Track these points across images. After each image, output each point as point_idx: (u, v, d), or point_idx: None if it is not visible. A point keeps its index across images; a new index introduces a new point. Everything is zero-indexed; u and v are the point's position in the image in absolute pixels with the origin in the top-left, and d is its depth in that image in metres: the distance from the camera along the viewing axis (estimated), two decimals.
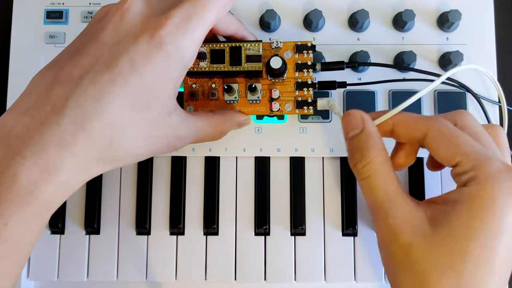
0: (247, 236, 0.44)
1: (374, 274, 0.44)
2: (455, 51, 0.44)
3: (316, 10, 0.45)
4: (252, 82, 0.41)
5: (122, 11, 0.33)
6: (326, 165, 0.45)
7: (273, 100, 0.41)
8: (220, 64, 0.39)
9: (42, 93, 0.31)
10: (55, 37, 0.46)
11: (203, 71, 0.39)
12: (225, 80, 0.41)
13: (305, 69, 0.41)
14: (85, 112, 0.30)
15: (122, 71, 0.31)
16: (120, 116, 0.31)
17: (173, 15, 0.32)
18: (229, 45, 0.39)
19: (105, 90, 0.30)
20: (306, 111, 0.41)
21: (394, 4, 0.46)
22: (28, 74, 0.45)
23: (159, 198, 0.45)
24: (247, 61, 0.39)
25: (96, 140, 0.31)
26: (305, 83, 0.41)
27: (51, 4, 0.47)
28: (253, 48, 0.39)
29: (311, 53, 0.41)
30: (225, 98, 0.41)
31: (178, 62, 0.32)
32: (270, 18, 0.45)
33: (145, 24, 0.32)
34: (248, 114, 0.42)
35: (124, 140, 0.32)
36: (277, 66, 0.39)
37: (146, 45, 0.31)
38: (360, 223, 0.44)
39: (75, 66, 0.31)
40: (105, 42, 0.32)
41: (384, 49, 0.46)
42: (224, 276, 0.44)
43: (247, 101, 0.41)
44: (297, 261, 0.44)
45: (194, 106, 0.41)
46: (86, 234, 0.45)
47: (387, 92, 0.45)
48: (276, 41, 0.41)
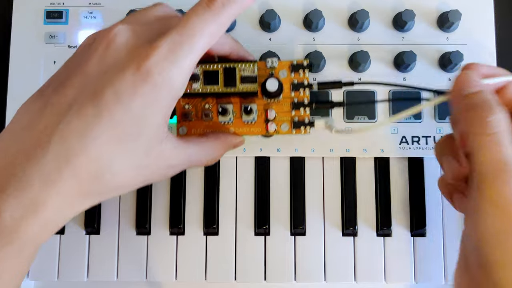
0: (247, 236, 0.44)
1: (374, 274, 0.44)
2: (455, 51, 0.44)
3: (316, 10, 0.45)
4: (247, 102, 0.40)
5: (108, 40, 0.32)
6: (326, 165, 0.45)
7: (269, 121, 0.40)
8: (214, 85, 0.38)
9: (27, 127, 0.30)
10: (55, 37, 0.46)
11: (196, 93, 0.38)
12: (219, 100, 0.40)
13: (301, 89, 0.40)
14: (69, 147, 0.29)
15: (107, 103, 0.30)
16: (107, 150, 0.30)
17: (160, 45, 0.31)
18: (223, 66, 0.38)
19: (90, 124, 0.29)
20: (303, 131, 0.40)
21: (394, 4, 0.46)
22: (28, 74, 0.46)
23: (159, 198, 0.45)
24: (242, 82, 0.38)
25: (82, 175, 0.29)
26: (301, 103, 0.40)
27: (51, 4, 0.47)
28: (248, 69, 0.38)
29: (307, 72, 0.40)
30: (220, 119, 0.40)
31: (167, 92, 0.31)
32: (270, 18, 0.45)
33: (131, 55, 0.31)
34: (243, 135, 0.41)
35: (112, 174, 0.30)
36: (274, 89, 0.38)
37: (131, 76, 0.30)
38: (360, 223, 0.44)
39: (60, 98, 0.30)
40: (90, 73, 0.31)
41: (384, 49, 0.46)
42: (224, 276, 0.44)
43: (242, 122, 0.40)
44: (297, 261, 0.44)
45: (187, 128, 0.40)
46: (86, 234, 0.45)
47: (387, 92, 0.45)
48: (271, 60, 0.40)
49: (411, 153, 0.44)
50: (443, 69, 0.45)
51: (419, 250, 0.44)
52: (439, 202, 0.45)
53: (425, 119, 0.45)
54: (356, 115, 0.45)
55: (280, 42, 0.46)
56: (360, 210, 0.45)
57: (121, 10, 0.46)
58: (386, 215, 0.44)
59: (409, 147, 0.44)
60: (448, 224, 0.44)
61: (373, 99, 0.45)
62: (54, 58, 0.46)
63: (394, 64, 0.45)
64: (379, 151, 0.44)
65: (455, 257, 0.44)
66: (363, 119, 0.45)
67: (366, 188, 0.45)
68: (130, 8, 0.46)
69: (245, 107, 0.39)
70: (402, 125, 0.45)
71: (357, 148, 0.44)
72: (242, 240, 0.44)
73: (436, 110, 0.45)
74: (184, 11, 0.45)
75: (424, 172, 0.45)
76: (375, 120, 0.45)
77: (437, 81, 0.45)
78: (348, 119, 0.45)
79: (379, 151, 0.44)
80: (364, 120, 0.45)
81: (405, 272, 0.44)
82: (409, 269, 0.44)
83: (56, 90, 0.31)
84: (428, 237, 0.44)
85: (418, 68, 0.45)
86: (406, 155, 0.45)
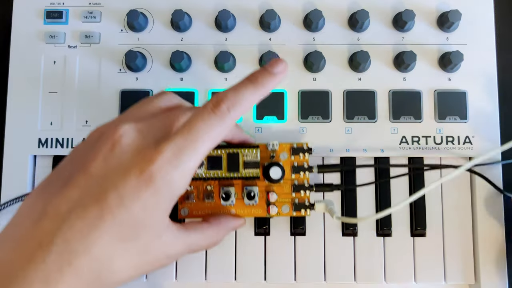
0: (247, 236, 0.44)
1: (374, 274, 0.44)
2: (455, 51, 0.44)
3: (316, 10, 0.45)
4: (249, 184, 0.41)
5: (114, 141, 0.32)
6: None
7: (270, 203, 0.41)
8: (217, 170, 0.39)
9: (29, 226, 0.30)
10: (55, 37, 0.46)
11: (199, 178, 0.39)
12: (221, 182, 0.41)
13: (301, 171, 0.41)
14: (72, 248, 0.29)
15: (111, 206, 0.30)
16: (108, 250, 0.30)
17: (164, 149, 0.31)
18: (226, 152, 0.39)
19: (93, 225, 0.30)
20: (304, 213, 0.41)
21: (394, 4, 0.46)
22: (28, 74, 0.46)
23: None
24: (245, 167, 0.39)
25: (83, 275, 0.30)
26: (302, 186, 0.41)
27: (51, 4, 0.47)
28: (250, 154, 0.39)
29: (307, 155, 0.41)
30: (221, 202, 0.41)
31: (169, 195, 0.31)
32: (270, 18, 0.45)
33: (135, 158, 0.31)
34: (245, 216, 0.41)
35: (113, 272, 0.31)
36: (277, 177, 0.40)
37: (135, 180, 0.30)
38: (360, 223, 0.44)
39: (63, 199, 0.31)
40: (94, 174, 0.31)
41: (384, 49, 0.46)
42: (224, 276, 0.44)
43: (244, 204, 0.41)
44: (297, 261, 0.44)
45: (189, 209, 0.41)
46: None
47: (387, 92, 0.45)
48: (273, 144, 0.41)
49: (411, 153, 0.44)
50: (443, 69, 0.45)
51: (419, 250, 0.44)
52: (439, 202, 0.45)
53: (425, 119, 0.45)
54: (356, 115, 0.45)
55: (280, 42, 0.46)
56: (360, 210, 0.45)
57: (121, 10, 0.46)
58: (386, 215, 0.44)
59: (409, 147, 0.44)
60: (448, 224, 0.44)
61: (373, 99, 0.45)
62: (54, 58, 0.46)
63: (394, 64, 0.45)
64: (379, 151, 0.44)
65: (455, 257, 0.44)
66: (363, 119, 0.45)
67: (366, 188, 0.45)
68: (130, 8, 0.46)
69: (248, 193, 0.40)
70: (402, 125, 0.45)
71: (357, 148, 0.44)
72: (242, 240, 0.44)
73: (436, 110, 0.45)
74: (184, 10, 0.45)
75: (424, 172, 0.45)
76: (375, 120, 0.45)
77: (437, 81, 0.45)
78: (348, 119, 0.45)
79: (379, 151, 0.44)
80: (364, 120, 0.45)
81: (405, 272, 0.44)
82: (409, 269, 0.44)
83: (59, 191, 0.31)
84: (428, 237, 0.44)
85: (418, 68, 0.45)
86: (406, 155, 0.45)
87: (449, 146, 0.44)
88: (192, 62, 0.46)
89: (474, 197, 0.44)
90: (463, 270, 0.44)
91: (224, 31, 0.46)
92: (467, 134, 0.44)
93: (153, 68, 0.46)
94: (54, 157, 0.45)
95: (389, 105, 0.45)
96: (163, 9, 0.47)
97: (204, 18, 0.46)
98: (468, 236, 0.44)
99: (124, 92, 0.45)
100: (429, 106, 0.45)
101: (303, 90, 0.45)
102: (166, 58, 0.46)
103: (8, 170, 0.45)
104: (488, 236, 0.43)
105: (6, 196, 0.44)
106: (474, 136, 0.44)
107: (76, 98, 0.46)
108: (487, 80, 0.45)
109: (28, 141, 0.45)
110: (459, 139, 0.44)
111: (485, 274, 0.43)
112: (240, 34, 0.46)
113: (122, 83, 0.46)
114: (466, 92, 0.45)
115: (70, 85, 0.46)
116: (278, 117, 0.45)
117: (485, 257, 0.43)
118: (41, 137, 0.45)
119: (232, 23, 0.46)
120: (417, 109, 0.45)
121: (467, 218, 0.44)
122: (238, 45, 0.46)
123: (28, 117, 0.45)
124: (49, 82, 0.46)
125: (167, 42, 0.46)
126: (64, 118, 0.45)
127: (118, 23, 0.47)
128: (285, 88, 0.45)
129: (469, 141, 0.44)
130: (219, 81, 0.45)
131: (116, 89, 0.45)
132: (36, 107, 0.45)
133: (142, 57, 0.45)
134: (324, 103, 0.45)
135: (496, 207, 0.44)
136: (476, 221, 0.44)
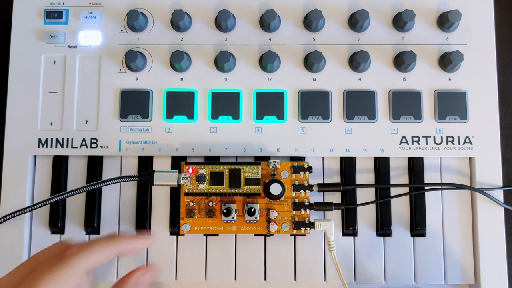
0: (247, 236, 0.44)
1: (374, 274, 0.44)
2: (455, 51, 0.44)
3: (316, 10, 0.45)
4: (250, 201, 0.41)
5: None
6: (326, 165, 0.45)
7: (271, 221, 0.41)
8: (219, 186, 0.40)
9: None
10: (55, 37, 0.46)
11: (201, 193, 0.40)
12: (223, 198, 0.42)
13: (302, 190, 0.41)
14: None
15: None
16: None
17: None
18: (228, 168, 0.40)
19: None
20: (303, 231, 0.41)
21: (394, 4, 0.46)
22: (28, 74, 0.46)
23: (159, 198, 0.45)
24: (246, 184, 0.40)
25: None
26: (302, 204, 0.41)
27: (51, 4, 0.47)
28: (252, 171, 0.41)
29: (307, 173, 0.41)
30: (223, 218, 0.41)
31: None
32: (270, 18, 0.45)
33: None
34: (245, 233, 0.42)
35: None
36: (277, 193, 0.40)
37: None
38: (360, 223, 0.44)
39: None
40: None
41: (384, 49, 0.46)
42: (224, 276, 0.44)
43: (245, 221, 0.41)
44: (297, 261, 0.44)
45: (191, 225, 0.41)
46: (86, 234, 0.45)
47: (387, 92, 0.45)
48: (274, 162, 0.41)
49: (411, 153, 0.44)
50: (443, 69, 0.45)
51: (419, 250, 0.44)
52: (439, 202, 0.45)
53: (425, 119, 0.45)
54: (356, 115, 0.45)
55: (280, 42, 0.46)
56: (360, 210, 0.45)
57: (121, 10, 0.46)
58: (386, 215, 0.44)
59: (409, 147, 0.44)
60: (448, 224, 0.44)
61: (373, 99, 0.45)
62: (54, 58, 0.46)
63: (394, 64, 0.45)
64: (379, 151, 0.44)
65: (455, 257, 0.44)
66: (363, 119, 0.45)
67: (366, 188, 0.45)
68: (130, 8, 0.46)
69: (249, 209, 0.41)
70: (402, 125, 0.45)
71: (357, 148, 0.44)
72: (242, 240, 0.44)
73: (436, 110, 0.45)
74: (184, 10, 0.45)
75: (424, 172, 0.45)
76: (375, 120, 0.45)
77: (437, 81, 0.45)
78: (348, 119, 0.45)
79: (379, 151, 0.44)
80: (364, 120, 0.45)
81: (405, 272, 0.44)
82: (409, 269, 0.44)
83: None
84: (428, 237, 0.44)
85: (418, 68, 0.45)
86: (406, 155, 0.45)
87: (449, 146, 0.44)
88: (192, 62, 0.46)
89: (474, 197, 0.44)
90: (463, 270, 0.44)
91: (224, 31, 0.46)
92: (467, 134, 0.44)
93: (153, 68, 0.46)
94: (54, 157, 0.45)
95: (389, 105, 0.45)
96: (163, 9, 0.47)
97: (204, 18, 0.46)
98: (468, 236, 0.44)
99: (124, 92, 0.45)
100: (429, 106, 0.45)
101: (303, 90, 0.45)
102: (166, 58, 0.46)
103: (8, 170, 0.45)
104: (488, 236, 0.43)
105: (6, 196, 0.44)
106: (474, 136, 0.44)
107: (76, 98, 0.46)
108: (487, 80, 0.45)
109: (28, 141, 0.45)
110: (459, 139, 0.44)
111: (485, 274, 0.43)
112: (240, 34, 0.46)
113: (122, 83, 0.46)
114: (466, 92, 0.45)
115: (70, 85, 0.46)
116: (278, 117, 0.45)
117: (485, 257, 0.43)
118: (41, 137, 0.45)
119: (232, 23, 0.46)
120: (417, 109, 0.45)
121: (467, 218, 0.44)
122: (238, 45, 0.46)
123: (28, 117, 0.45)
124: (49, 82, 0.46)
125: (167, 42, 0.46)
126: (64, 118, 0.45)
127: (118, 23, 0.47)
128: (285, 88, 0.45)
129: (469, 141, 0.44)
130: (219, 81, 0.45)
131: (116, 89, 0.45)
132: (36, 107, 0.45)
133: (142, 57, 0.45)
134: (324, 103, 0.45)
135: (496, 207, 0.44)
136: (476, 221, 0.44)
